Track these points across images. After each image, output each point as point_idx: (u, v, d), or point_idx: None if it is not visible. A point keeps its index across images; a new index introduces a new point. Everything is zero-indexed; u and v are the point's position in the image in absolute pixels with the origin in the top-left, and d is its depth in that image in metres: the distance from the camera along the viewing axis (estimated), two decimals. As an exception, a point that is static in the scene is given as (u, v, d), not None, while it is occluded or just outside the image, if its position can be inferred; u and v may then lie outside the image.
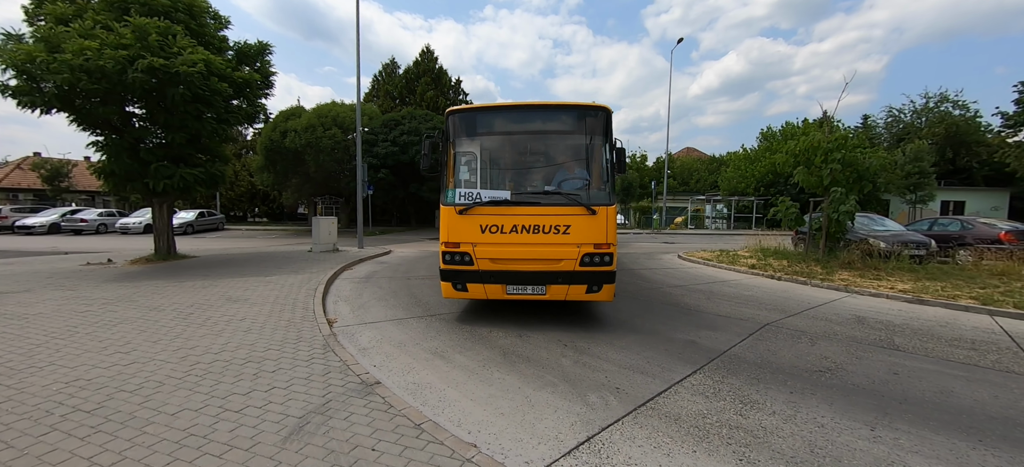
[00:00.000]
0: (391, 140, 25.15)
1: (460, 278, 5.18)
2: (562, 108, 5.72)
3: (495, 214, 5.09)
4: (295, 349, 4.29)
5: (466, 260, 5.08)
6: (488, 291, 5.16)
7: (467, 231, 5.09)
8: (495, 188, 5.70)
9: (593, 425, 3.06)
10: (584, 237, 5.04)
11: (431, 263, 11.84)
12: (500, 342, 4.86)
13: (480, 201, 5.11)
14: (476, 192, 5.19)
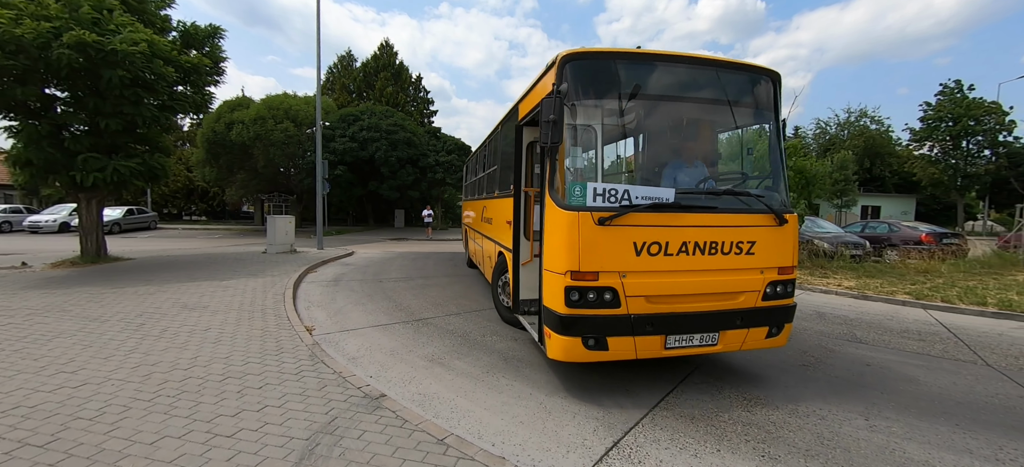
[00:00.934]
0: (349, 136, 24.03)
1: (597, 329, 3.20)
2: (731, 67, 3.80)
3: (656, 225, 3.29)
4: (278, 361, 3.91)
5: (609, 300, 3.19)
6: (639, 346, 3.31)
7: (610, 252, 3.19)
8: (629, 182, 3.67)
9: (615, 429, 3.02)
10: (769, 259, 3.55)
11: (401, 264, 11.42)
12: (498, 347, 4.72)
13: (638, 204, 3.27)
14: (619, 189, 3.28)
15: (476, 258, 8.76)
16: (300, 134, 23.01)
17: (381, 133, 24.22)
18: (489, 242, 6.61)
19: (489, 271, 6.70)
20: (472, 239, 9.18)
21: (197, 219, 36.63)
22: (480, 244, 7.76)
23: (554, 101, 3.15)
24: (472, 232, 9.08)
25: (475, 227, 8.48)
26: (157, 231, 24.75)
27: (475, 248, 8.64)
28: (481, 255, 7.77)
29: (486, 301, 7.01)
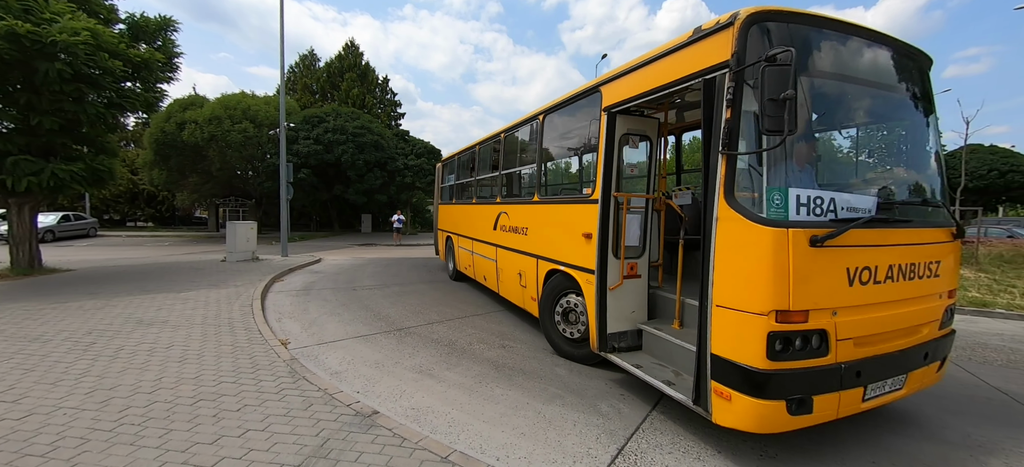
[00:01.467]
0: (314, 138, 23.11)
1: (804, 386, 2.47)
2: (907, 49, 3.14)
3: (870, 245, 2.65)
4: (255, 379, 3.63)
5: (818, 347, 2.50)
6: (842, 403, 2.60)
7: (822, 283, 2.49)
8: (805, 186, 2.62)
9: (617, 436, 3.00)
10: (948, 280, 3.09)
11: (374, 271, 11.05)
12: (486, 355, 4.62)
13: (857, 218, 2.61)
14: (825, 197, 2.56)
15: (475, 271, 7.63)
16: (260, 135, 21.90)
17: (348, 135, 23.45)
18: (521, 256, 5.45)
19: (515, 290, 5.74)
20: (467, 249, 7.93)
21: (143, 225, 34.13)
22: (491, 257, 6.57)
23: (777, 75, 2.21)
24: (470, 242, 7.73)
25: (479, 236, 7.21)
26: (97, 238, 22.82)
27: (478, 262, 7.38)
28: (492, 270, 6.61)
29: (468, 308, 6.87)
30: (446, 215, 10.09)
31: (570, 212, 4.43)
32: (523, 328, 5.73)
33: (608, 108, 3.82)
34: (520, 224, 5.56)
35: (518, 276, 5.57)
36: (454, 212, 9.29)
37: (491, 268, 6.65)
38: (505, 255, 6.03)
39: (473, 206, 7.71)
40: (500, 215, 6.25)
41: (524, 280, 5.41)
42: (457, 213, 9.03)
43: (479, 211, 7.31)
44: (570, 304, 4.40)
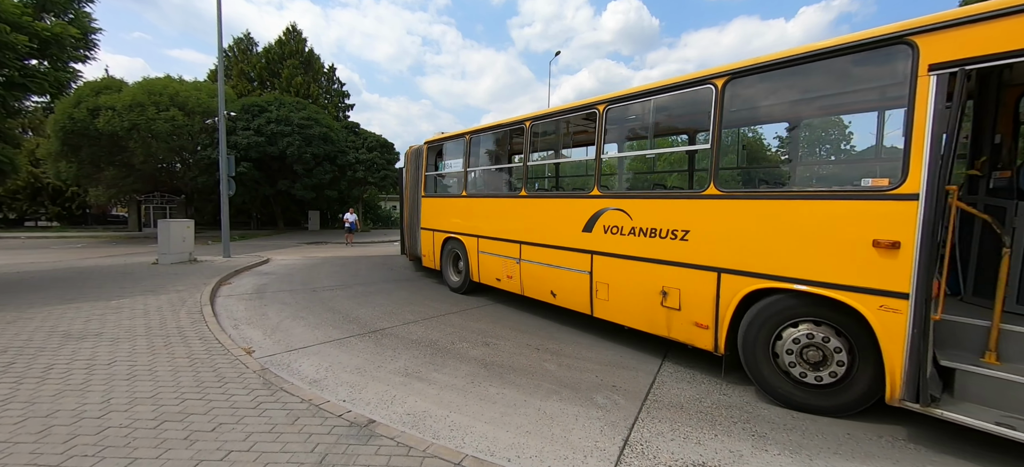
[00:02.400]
0: (254, 129, 21.42)
1: None
2: None
3: None
4: (225, 394, 3.29)
5: None
6: None
7: None
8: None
9: (619, 426, 3.04)
10: None
11: (331, 271, 10.46)
12: (471, 354, 4.51)
13: None
14: None
15: (526, 284, 5.86)
16: (191, 125, 19.97)
17: (293, 127, 21.98)
18: (671, 269, 4.09)
19: (644, 311, 4.34)
20: (504, 256, 6.16)
21: (46, 225, 30.04)
22: (576, 268, 5.01)
23: None
24: (511, 246, 6.02)
25: (542, 239, 5.51)
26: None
27: (534, 272, 5.67)
28: (575, 284, 5.06)
29: (441, 305, 6.69)
30: (443, 211, 7.85)
31: (834, 211, 3.12)
32: (502, 325, 5.67)
33: (944, 65, 2.70)
34: (667, 225, 4.10)
35: (660, 294, 4.15)
36: (466, 209, 7.14)
37: (575, 282, 5.05)
38: (621, 266, 4.52)
39: (522, 201, 5.82)
40: (604, 212, 4.71)
41: (678, 300, 4.01)
42: (475, 209, 6.93)
43: (541, 207, 5.61)
44: (809, 339, 3.24)
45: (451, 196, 8.04)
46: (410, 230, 9.43)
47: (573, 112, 5.42)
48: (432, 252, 8.15)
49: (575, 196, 5.39)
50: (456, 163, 7.74)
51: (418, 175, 8.59)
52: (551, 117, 5.78)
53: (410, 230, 9.43)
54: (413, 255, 9.61)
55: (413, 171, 8.93)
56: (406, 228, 10.00)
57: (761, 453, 2.76)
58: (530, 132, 5.85)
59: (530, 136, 5.85)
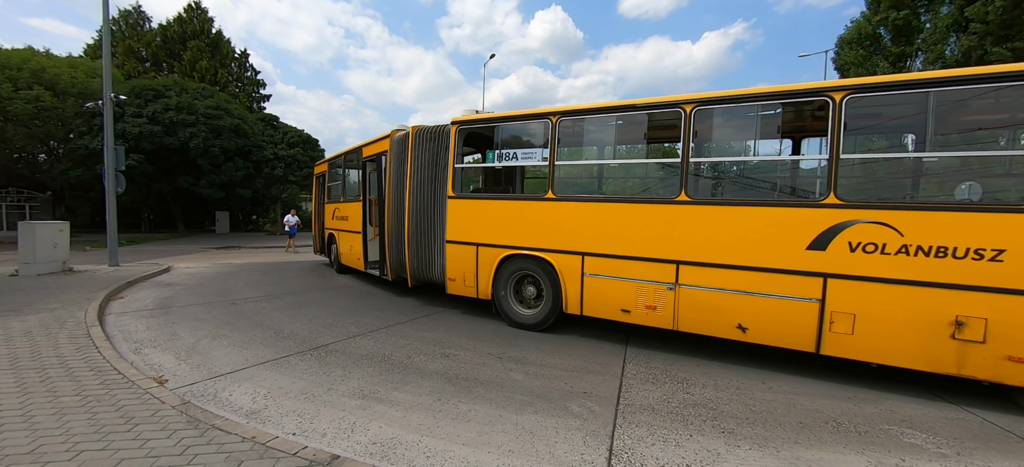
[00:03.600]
0: (148, 116, 18.54)
1: None
2: None
3: None
4: (138, 439, 2.67)
5: None
6: None
7: None
8: None
9: (601, 435, 2.99)
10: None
11: (251, 279, 9.35)
12: (431, 367, 4.22)
13: None
14: None
15: (623, 308, 4.81)
16: (63, 107, 16.76)
17: (198, 116, 19.42)
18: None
19: (929, 347, 3.59)
20: (619, 277, 4.82)
21: None
22: (803, 296, 3.97)
23: None
24: (635, 266, 4.72)
25: (727, 260, 4.27)
26: None
27: (690, 299, 4.46)
28: (799, 315, 4.00)
29: (387, 315, 6.24)
30: (500, 219, 5.67)
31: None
32: (458, 333, 5.42)
33: None
34: (967, 243, 3.45)
35: (952, 325, 3.49)
36: (556, 216, 5.22)
37: (788, 313, 4.04)
38: (883, 293, 3.69)
39: (682, 207, 4.46)
40: (851, 226, 3.79)
41: (983, 332, 3.41)
42: (578, 218, 5.10)
43: (720, 218, 4.33)
44: None
45: (519, 198, 6.13)
46: (395, 238, 6.99)
47: (780, 98, 4.23)
48: (471, 275, 5.87)
49: (789, 204, 4.32)
50: (528, 153, 5.60)
51: (428, 168, 6.37)
52: (728, 102, 4.42)
53: (395, 238, 6.99)
54: (349, 261, 9.28)
55: (399, 164, 6.85)
56: (339, 230, 9.96)
57: (734, 449, 2.87)
58: (693, 120, 4.43)
59: (693, 124, 4.44)
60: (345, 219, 9.45)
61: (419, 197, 6.57)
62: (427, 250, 6.58)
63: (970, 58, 17.45)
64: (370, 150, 7.99)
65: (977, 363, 3.48)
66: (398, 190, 6.91)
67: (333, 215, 10.26)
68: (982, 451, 2.93)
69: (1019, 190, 4.40)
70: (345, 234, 9.47)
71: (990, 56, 16.82)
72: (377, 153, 7.64)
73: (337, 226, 9.97)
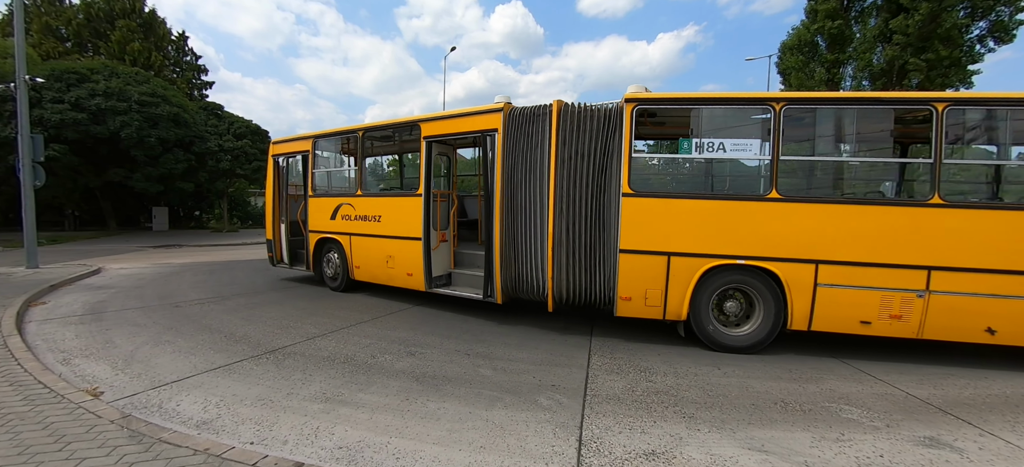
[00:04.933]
0: (72, 102, 16.76)
1: None
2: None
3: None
4: (71, 458, 2.43)
5: None
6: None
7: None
8: None
9: (570, 427, 3.04)
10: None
11: (196, 280, 8.74)
12: (397, 367, 4.12)
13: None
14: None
15: (863, 319, 4.44)
16: (-36, 91, 14.78)
17: (131, 104, 17.76)
18: None
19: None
20: (849, 285, 4.41)
21: None
22: (985, 293, 4.17)
23: None
24: (865, 272, 4.38)
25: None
26: None
27: (894, 302, 4.34)
28: (968, 313, 4.25)
29: (349, 314, 6.04)
30: (702, 222, 4.68)
31: None
32: (423, 331, 5.33)
33: None
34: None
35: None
36: (784, 219, 4.53)
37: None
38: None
39: (938, 211, 4.26)
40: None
41: None
42: (810, 220, 4.50)
43: (986, 222, 4.22)
44: None
45: (730, 198, 4.93)
46: (514, 247, 5.41)
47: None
48: (658, 292, 4.79)
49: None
50: (741, 145, 4.81)
51: (584, 156, 4.97)
52: (983, 104, 4.43)
53: (514, 247, 5.41)
54: (350, 276, 7.25)
55: (524, 148, 5.28)
56: (353, 234, 7.08)
57: (695, 433, 3.02)
58: (944, 118, 4.22)
59: (945, 123, 4.24)
60: (372, 219, 6.79)
61: (573, 193, 5.02)
62: (586, 262, 5.07)
63: (893, 67, 19.17)
64: (444, 127, 5.98)
65: None
66: (524, 183, 5.30)
67: (336, 213, 7.35)
68: (907, 422, 3.26)
69: None
70: (370, 241, 6.84)
71: (908, 65, 18.56)
72: (462, 132, 5.81)
73: (349, 229, 7.14)
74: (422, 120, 6.16)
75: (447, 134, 6.06)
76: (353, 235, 7.15)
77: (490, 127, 5.49)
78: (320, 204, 7.67)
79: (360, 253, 7.09)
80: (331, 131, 7.75)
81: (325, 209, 7.56)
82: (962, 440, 3.01)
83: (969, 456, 2.82)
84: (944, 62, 17.91)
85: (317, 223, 7.71)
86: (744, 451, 2.79)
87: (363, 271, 7.14)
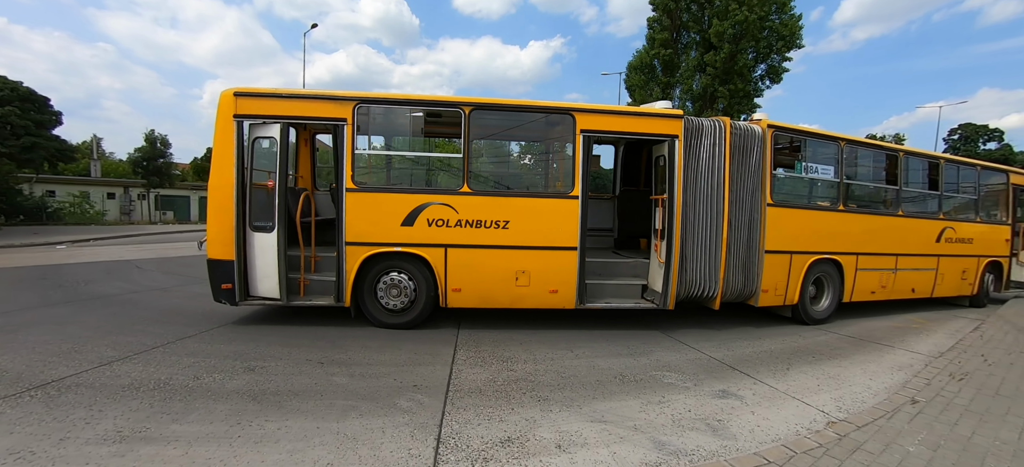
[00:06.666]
0: None
1: None
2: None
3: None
4: None
5: None
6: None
7: None
8: None
9: (429, 426, 2.98)
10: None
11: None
12: (229, 386, 3.52)
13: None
14: None
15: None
16: None
17: None
18: None
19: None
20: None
21: None
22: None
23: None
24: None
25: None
26: None
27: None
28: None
29: (168, 328, 4.96)
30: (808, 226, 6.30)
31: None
32: (269, 341, 4.68)
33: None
34: None
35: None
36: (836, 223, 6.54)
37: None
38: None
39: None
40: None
41: None
42: (851, 225, 6.71)
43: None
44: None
45: (818, 208, 6.55)
46: (702, 252, 5.59)
47: None
48: (784, 280, 6.05)
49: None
50: (825, 170, 6.52)
51: (739, 171, 5.73)
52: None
53: (702, 252, 5.59)
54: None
55: (710, 157, 5.58)
56: (465, 246, 5.25)
57: (548, 414, 3.24)
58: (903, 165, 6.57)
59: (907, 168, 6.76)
60: (493, 225, 5.24)
61: (735, 203, 5.74)
62: (743, 264, 5.85)
63: (706, 93, 23.54)
64: (609, 122, 5.50)
65: None
66: (701, 192, 5.56)
67: (415, 218, 5.16)
68: (709, 380, 4.03)
69: None
70: (488, 253, 5.23)
71: (718, 93, 23.04)
72: (632, 132, 5.60)
73: (445, 238, 5.19)
74: (576, 109, 5.38)
75: (612, 131, 5.58)
76: (451, 247, 5.20)
77: (670, 133, 5.45)
78: (374, 204, 5.15)
79: (466, 270, 5.25)
80: (397, 97, 5.61)
81: (386, 211, 5.15)
82: (742, 389, 3.84)
83: (746, 401, 3.60)
84: (739, 93, 22.81)
85: (368, 232, 5.13)
86: (588, 424, 3.10)
87: (468, 293, 5.31)
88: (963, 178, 8.05)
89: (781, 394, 3.78)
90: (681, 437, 2.97)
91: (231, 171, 4.91)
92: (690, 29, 24.33)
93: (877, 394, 3.84)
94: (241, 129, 4.94)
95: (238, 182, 4.92)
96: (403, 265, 5.23)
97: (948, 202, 7.73)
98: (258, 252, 5.04)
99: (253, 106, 4.97)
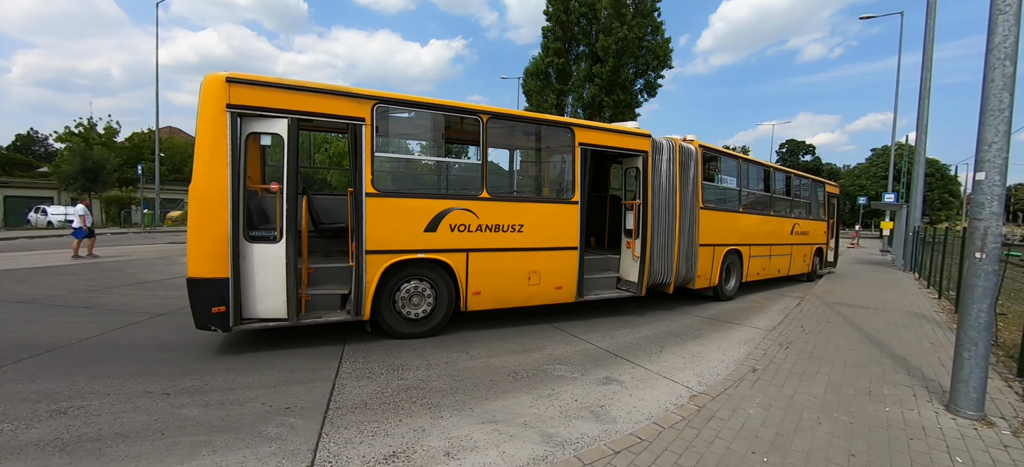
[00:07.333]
0: None
1: None
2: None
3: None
4: None
5: None
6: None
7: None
8: None
9: (302, 453, 2.65)
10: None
11: None
12: (30, 436, 2.72)
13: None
14: None
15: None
16: None
17: None
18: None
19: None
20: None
21: None
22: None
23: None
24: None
25: None
26: None
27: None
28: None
29: None
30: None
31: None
32: (88, 373, 3.76)
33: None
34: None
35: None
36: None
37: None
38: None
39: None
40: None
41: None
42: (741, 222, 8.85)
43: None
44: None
45: (732, 210, 8.58)
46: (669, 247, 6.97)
47: None
48: (709, 267, 7.80)
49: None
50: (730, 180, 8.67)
51: (682, 180, 7.27)
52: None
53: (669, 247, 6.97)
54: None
55: (669, 170, 7.00)
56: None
57: (438, 421, 3.12)
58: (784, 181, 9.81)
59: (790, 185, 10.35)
60: (510, 229, 5.48)
61: (684, 207, 7.11)
62: (687, 256, 7.24)
63: (594, 102, 25.48)
64: (599, 137, 6.22)
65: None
66: (662, 199, 6.76)
67: (438, 224, 5.02)
68: (594, 368, 4.28)
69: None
70: (505, 256, 5.48)
71: (604, 103, 25.05)
72: (615, 147, 6.41)
73: (466, 243, 5.20)
74: (575, 124, 6.11)
75: (604, 145, 6.25)
76: (472, 251, 5.23)
77: (643, 149, 6.49)
78: (396, 210, 4.84)
79: (486, 274, 5.34)
80: (417, 99, 5.15)
81: (409, 217, 4.90)
82: (623, 374, 4.16)
83: (626, 385, 3.90)
84: (622, 104, 25.15)
85: (391, 239, 4.79)
86: (478, 426, 3.05)
87: (487, 296, 5.42)
88: (804, 187, 11.06)
89: (655, 375, 4.18)
90: (567, 427, 3.08)
91: (224, 173, 4.06)
92: (580, 41, 26.12)
93: (728, 366, 4.47)
94: (235, 123, 4.09)
95: (233, 186, 4.06)
96: (424, 272, 5.06)
97: (797, 205, 10.46)
98: (257, 266, 4.23)
99: (251, 96, 4.18)
